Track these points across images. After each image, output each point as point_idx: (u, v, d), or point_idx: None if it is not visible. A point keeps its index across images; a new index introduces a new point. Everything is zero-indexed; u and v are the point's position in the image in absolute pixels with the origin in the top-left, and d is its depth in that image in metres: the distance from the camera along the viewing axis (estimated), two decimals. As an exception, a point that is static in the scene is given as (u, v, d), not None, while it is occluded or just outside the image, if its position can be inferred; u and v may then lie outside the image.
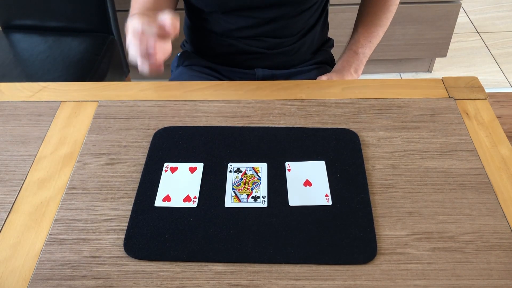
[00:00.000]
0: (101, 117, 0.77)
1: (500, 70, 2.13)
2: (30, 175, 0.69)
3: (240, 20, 0.94)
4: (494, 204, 0.63)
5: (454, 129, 0.74)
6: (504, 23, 2.39)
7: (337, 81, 0.90)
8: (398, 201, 0.64)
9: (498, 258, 0.58)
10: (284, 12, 0.93)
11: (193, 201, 0.64)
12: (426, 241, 0.59)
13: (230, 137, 0.73)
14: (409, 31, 1.91)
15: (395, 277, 0.56)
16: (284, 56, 1.01)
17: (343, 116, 0.77)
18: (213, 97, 0.81)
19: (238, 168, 0.68)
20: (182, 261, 0.58)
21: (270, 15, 0.93)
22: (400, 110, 0.77)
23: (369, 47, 1.01)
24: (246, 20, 0.94)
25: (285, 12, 0.93)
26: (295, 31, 0.98)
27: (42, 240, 0.61)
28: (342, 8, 1.81)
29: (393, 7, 1.01)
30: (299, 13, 0.95)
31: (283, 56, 1.01)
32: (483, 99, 0.80)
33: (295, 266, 0.57)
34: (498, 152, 0.71)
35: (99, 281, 0.56)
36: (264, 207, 0.63)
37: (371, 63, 1.99)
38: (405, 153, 0.70)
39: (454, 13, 1.86)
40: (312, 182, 0.66)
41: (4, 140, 0.74)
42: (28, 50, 1.39)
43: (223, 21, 0.95)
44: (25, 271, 0.57)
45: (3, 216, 0.64)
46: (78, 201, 0.65)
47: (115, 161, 0.70)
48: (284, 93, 0.81)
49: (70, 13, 1.42)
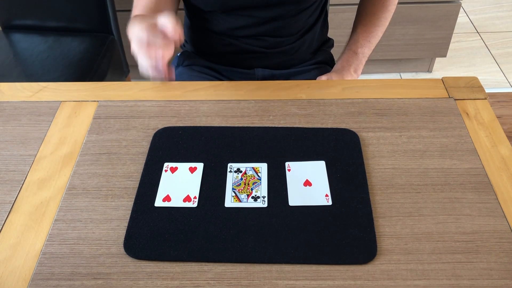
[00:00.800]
0: (101, 117, 0.77)
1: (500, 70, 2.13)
2: (30, 175, 0.69)
3: (240, 20, 0.94)
4: (494, 204, 0.63)
5: (454, 129, 0.74)
6: (504, 23, 2.39)
7: (337, 81, 0.90)
8: (398, 201, 0.64)
9: (498, 258, 0.58)
10: (283, 11, 0.93)
11: (193, 201, 0.64)
12: (426, 241, 0.59)
13: (230, 137, 0.73)
14: (409, 31, 1.91)
15: (395, 277, 0.56)
16: (284, 55, 1.01)
17: (343, 116, 0.77)
18: (213, 97, 0.81)
19: (238, 168, 0.68)
20: (182, 261, 0.58)
21: (270, 14, 0.93)
22: (400, 110, 0.77)
23: (369, 47, 1.01)
24: (245, 19, 0.94)
25: (285, 11, 0.93)
26: (294, 30, 0.98)
27: (42, 240, 0.61)
28: (342, 8, 1.81)
29: (392, 7, 1.01)
30: (299, 12, 0.95)
31: (283, 55, 1.01)
32: (483, 99, 0.80)
33: (295, 266, 0.57)
34: (498, 152, 0.71)
35: (99, 281, 0.56)
36: (264, 207, 0.63)
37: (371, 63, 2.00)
38: (405, 153, 0.70)
39: (454, 13, 1.86)
40: (312, 182, 0.66)
41: (4, 140, 0.74)
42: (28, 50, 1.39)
43: (222, 21, 0.96)
44: (25, 271, 0.57)
45: (3, 216, 0.64)
46: (78, 201, 0.65)
47: (115, 161, 0.70)
48: (284, 93, 0.81)
49: (70, 13, 1.42)
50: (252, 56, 1.00)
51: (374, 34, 1.01)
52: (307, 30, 1.01)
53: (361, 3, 1.03)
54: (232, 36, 0.98)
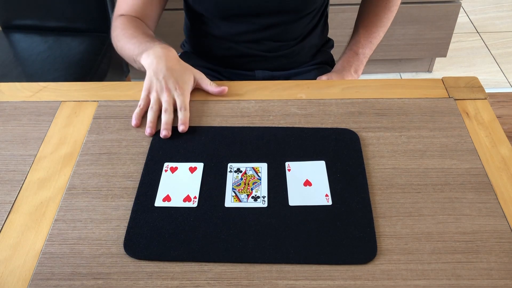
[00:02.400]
0: (101, 117, 0.77)
1: (500, 70, 2.13)
2: (30, 175, 0.69)
3: (240, 26, 0.94)
4: (494, 204, 0.63)
5: (454, 129, 0.74)
6: (504, 23, 2.39)
7: (337, 81, 0.90)
8: (398, 201, 0.64)
9: (498, 258, 0.58)
10: (283, 18, 0.93)
11: (193, 201, 0.64)
12: (426, 241, 0.59)
13: (230, 137, 0.73)
14: (409, 31, 1.91)
15: (395, 277, 0.56)
16: (284, 58, 1.01)
17: (343, 116, 0.77)
18: (213, 97, 0.81)
19: (238, 168, 0.68)
20: (182, 261, 0.58)
21: (270, 21, 0.93)
22: (400, 110, 0.77)
23: (370, 48, 1.00)
24: (246, 25, 0.94)
25: (285, 18, 0.93)
26: (295, 35, 0.98)
27: (42, 240, 0.61)
28: (342, 8, 1.81)
29: (394, 8, 1.00)
30: (299, 18, 0.95)
31: (283, 58, 1.01)
32: (483, 99, 0.80)
33: (295, 266, 0.57)
34: (498, 152, 0.71)
35: (99, 281, 0.56)
36: (264, 207, 0.63)
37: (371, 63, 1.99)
38: (405, 153, 0.70)
39: (454, 13, 1.86)
40: (312, 182, 0.66)
41: (4, 140, 0.74)
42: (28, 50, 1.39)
43: (223, 26, 0.95)
44: (25, 271, 0.57)
45: (3, 216, 0.64)
46: (78, 201, 0.65)
47: (115, 161, 0.70)
48: (284, 93, 0.81)
49: (70, 13, 1.42)
50: (252, 60, 1.00)
51: (376, 35, 1.00)
52: (307, 35, 1.00)
53: (363, 3, 1.03)
54: (232, 41, 0.98)
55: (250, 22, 0.93)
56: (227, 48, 0.99)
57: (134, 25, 0.87)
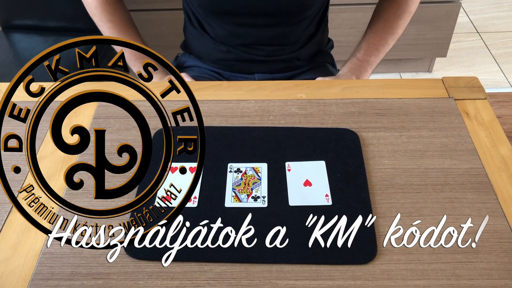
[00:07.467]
0: (101, 117, 0.77)
1: (500, 70, 2.13)
2: (30, 175, 0.69)
3: (236, 28, 0.94)
4: (494, 204, 0.63)
5: (454, 129, 0.74)
6: (504, 23, 2.39)
7: (337, 81, 0.90)
8: (398, 201, 0.64)
9: (498, 258, 0.58)
10: (279, 20, 0.92)
11: (193, 201, 0.64)
12: (426, 241, 0.59)
13: (230, 137, 0.73)
14: (409, 31, 1.90)
15: (395, 277, 0.56)
16: (283, 63, 1.00)
17: (343, 116, 0.77)
18: (213, 97, 0.81)
19: (238, 168, 0.68)
20: (182, 261, 0.58)
21: (265, 22, 0.92)
22: (400, 110, 0.77)
23: (376, 55, 0.97)
24: (242, 28, 0.93)
25: (281, 21, 0.92)
26: (293, 39, 0.97)
27: (42, 240, 0.61)
28: (342, 8, 1.80)
29: (406, 15, 0.96)
30: (295, 23, 0.94)
31: (282, 63, 1.00)
32: (483, 99, 0.80)
33: (295, 266, 0.57)
34: (498, 152, 0.71)
35: (99, 281, 0.56)
36: (264, 207, 0.63)
37: (371, 63, 1.99)
38: (405, 153, 0.70)
39: (454, 13, 1.86)
40: (312, 182, 0.66)
41: (4, 140, 0.74)
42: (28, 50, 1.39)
43: (218, 28, 0.95)
44: (25, 271, 0.57)
45: (3, 216, 0.64)
46: (78, 201, 0.65)
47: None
48: (284, 93, 0.81)
49: (70, 13, 1.42)
50: (251, 64, 1.00)
51: (383, 42, 0.96)
52: (307, 40, 0.99)
53: (376, 8, 1.00)
54: (229, 44, 0.97)
55: (245, 23, 0.93)
56: (225, 52, 0.99)
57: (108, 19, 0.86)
